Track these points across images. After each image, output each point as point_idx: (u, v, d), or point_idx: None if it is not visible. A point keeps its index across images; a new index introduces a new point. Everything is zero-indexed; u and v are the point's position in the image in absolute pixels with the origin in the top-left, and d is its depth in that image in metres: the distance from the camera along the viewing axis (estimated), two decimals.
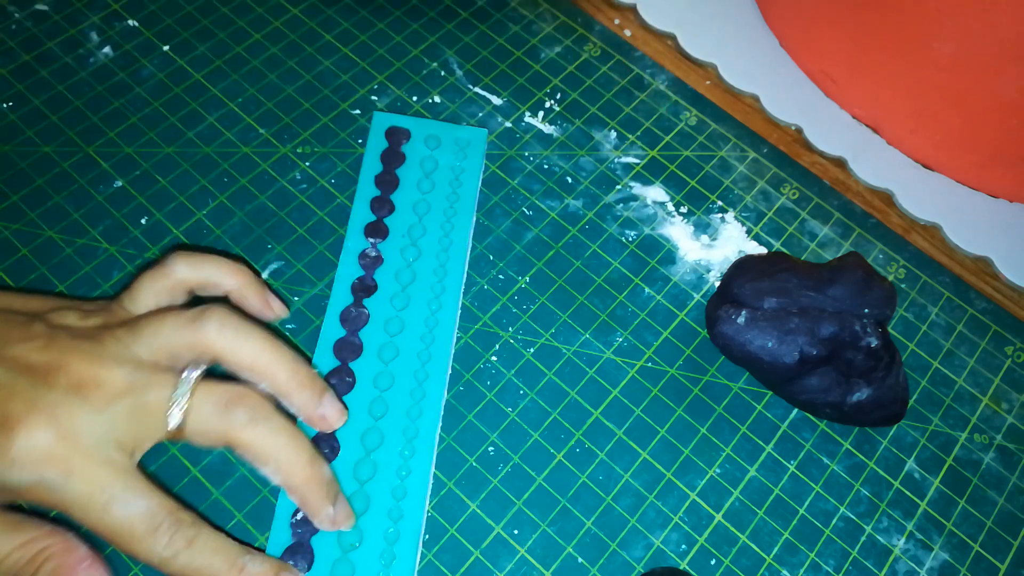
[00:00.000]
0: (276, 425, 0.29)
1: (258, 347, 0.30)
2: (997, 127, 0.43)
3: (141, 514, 0.26)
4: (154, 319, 0.29)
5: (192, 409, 0.28)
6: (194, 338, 0.29)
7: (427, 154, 0.41)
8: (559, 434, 0.38)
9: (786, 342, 0.36)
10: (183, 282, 0.32)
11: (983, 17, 0.39)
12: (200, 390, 0.28)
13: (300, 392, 0.30)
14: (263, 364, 0.30)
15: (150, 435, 0.28)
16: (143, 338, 0.29)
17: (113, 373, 0.27)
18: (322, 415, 0.31)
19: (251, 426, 0.28)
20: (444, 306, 0.38)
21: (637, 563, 0.35)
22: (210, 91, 0.45)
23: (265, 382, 0.30)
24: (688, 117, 0.47)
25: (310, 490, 0.30)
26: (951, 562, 0.37)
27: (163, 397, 0.28)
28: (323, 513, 0.30)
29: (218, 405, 0.28)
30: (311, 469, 0.29)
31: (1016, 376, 0.41)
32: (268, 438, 0.28)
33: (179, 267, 0.32)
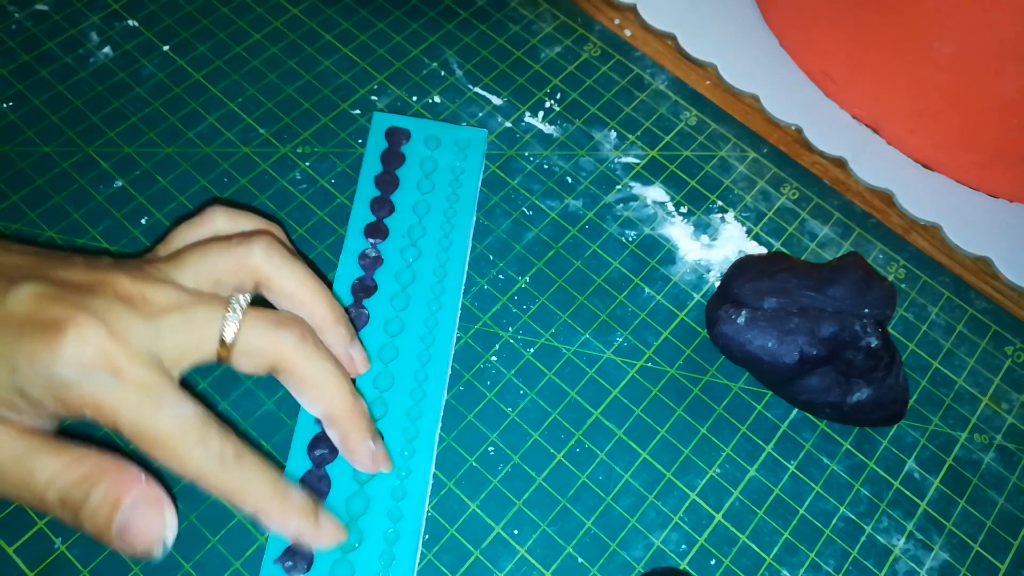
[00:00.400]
0: (324, 352, 0.29)
1: (301, 277, 0.30)
2: (997, 127, 0.43)
3: (192, 418, 0.25)
4: (198, 247, 0.29)
5: (243, 326, 0.27)
6: (240, 261, 0.29)
7: (427, 154, 0.41)
8: (559, 434, 0.38)
9: (786, 342, 0.36)
10: (220, 232, 0.31)
11: (983, 17, 0.39)
12: (250, 312, 0.28)
13: (336, 328, 0.30)
14: (305, 294, 0.30)
15: (198, 350, 0.27)
16: (187, 265, 0.28)
17: (160, 292, 0.27)
18: (351, 356, 0.31)
19: (301, 348, 0.28)
20: (444, 307, 0.38)
21: (637, 563, 0.35)
22: (210, 91, 0.45)
23: (304, 312, 0.30)
24: (688, 117, 0.47)
25: (353, 421, 0.29)
26: (951, 562, 0.37)
27: (213, 314, 0.27)
28: (364, 447, 0.30)
29: (268, 325, 0.28)
30: (355, 400, 0.29)
31: (1016, 376, 0.41)
32: (316, 362, 0.28)
33: (218, 217, 0.31)
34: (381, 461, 0.31)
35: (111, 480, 0.25)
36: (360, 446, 0.30)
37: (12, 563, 0.33)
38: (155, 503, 0.25)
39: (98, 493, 0.25)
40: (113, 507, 0.25)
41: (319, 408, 0.29)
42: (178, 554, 0.34)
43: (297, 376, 0.28)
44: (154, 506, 0.25)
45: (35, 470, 0.25)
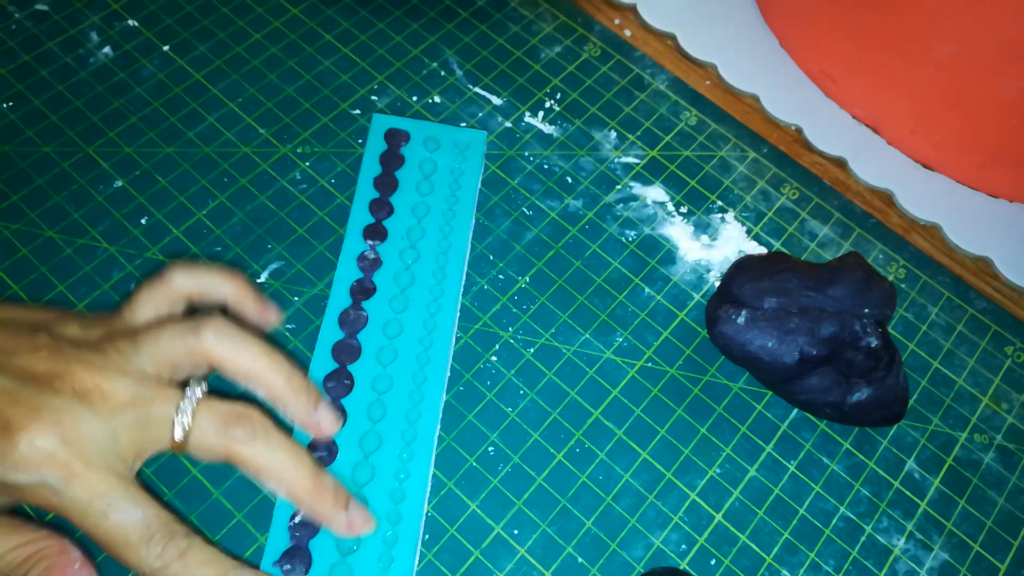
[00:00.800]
0: (275, 441, 0.29)
1: (254, 354, 0.30)
2: (997, 127, 0.43)
3: (137, 523, 0.27)
4: (153, 330, 0.30)
5: (195, 424, 0.28)
6: (192, 346, 0.30)
7: (426, 156, 0.41)
8: (559, 434, 0.38)
9: (786, 342, 0.36)
10: (180, 291, 0.32)
11: (983, 17, 0.39)
12: (202, 406, 0.29)
13: (295, 399, 0.31)
14: (259, 371, 0.30)
15: (151, 447, 0.28)
16: (144, 348, 0.29)
17: (117, 384, 0.28)
18: (317, 422, 0.32)
19: (250, 443, 0.29)
20: (443, 309, 0.38)
21: (637, 563, 0.35)
22: (210, 91, 0.45)
23: (261, 389, 0.31)
24: (688, 117, 0.47)
25: (317, 500, 0.30)
26: (951, 562, 0.37)
27: (167, 411, 0.28)
28: (336, 520, 0.31)
29: (219, 422, 0.29)
30: (313, 480, 0.30)
31: (1016, 376, 0.41)
32: (268, 454, 0.29)
33: (176, 277, 0.32)
34: (358, 526, 0.31)
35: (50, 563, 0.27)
36: (332, 520, 0.31)
37: None
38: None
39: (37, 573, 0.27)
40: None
41: (281, 493, 0.30)
42: None
43: (252, 468, 0.29)
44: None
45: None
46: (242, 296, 0.34)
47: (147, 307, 0.32)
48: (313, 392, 0.32)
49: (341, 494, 0.31)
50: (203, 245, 0.40)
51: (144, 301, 0.32)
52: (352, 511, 0.31)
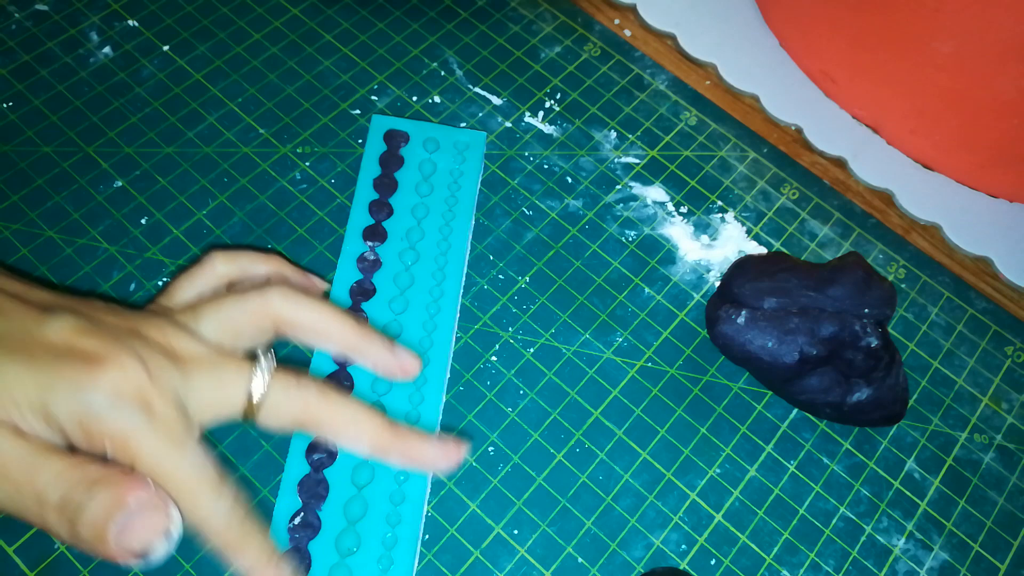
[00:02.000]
0: (346, 399, 0.29)
1: (321, 311, 0.30)
2: (997, 127, 0.43)
3: (212, 469, 0.26)
4: (214, 299, 0.30)
5: (270, 387, 0.28)
6: (261, 309, 0.30)
7: (426, 157, 0.41)
8: (559, 434, 0.38)
9: (786, 342, 0.36)
10: (223, 275, 0.33)
11: (983, 16, 0.39)
12: (276, 372, 0.28)
13: (372, 346, 0.31)
14: (331, 326, 0.30)
15: (222, 410, 0.28)
16: (205, 316, 0.29)
17: (190, 344, 0.28)
18: (399, 364, 0.32)
19: (325, 400, 0.28)
20: (442, 310, 0.38)
21: (637, 563, 0.35)
22: (210, 91, 0.45)
23: (335, 343, 0.31)
24: (688, 117, 0.47)
25: (404, 443, 0.29)
26: (951, 562, 0.37)
27: (242, 372, 0.28)
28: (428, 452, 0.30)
29: (291, 383, 0.28)
30: (391, 428, 0.29)
31: (1016, 376, 0.41)
32: (342, 408, 0.29)
33: (218, 261, 0.33)
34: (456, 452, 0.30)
35: (116, 483, 0.24)
36: (426, 456, 0.30)
37: (12, 563, 0.33)
38: (161, 503, 0.25)
39: (101, 495, 0.24)
40: (116, 507, 0.24)
41: (361, 448, 0.29)
42: (178, 554, 0.34)
43: (329, 426, 0.29)
44: (160, 508, 0.25)
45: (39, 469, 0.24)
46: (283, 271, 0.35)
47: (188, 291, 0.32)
48: (387, 338, 0.32)
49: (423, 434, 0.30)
50: (203, 245, 0.40)
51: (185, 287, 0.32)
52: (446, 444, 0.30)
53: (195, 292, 0.32)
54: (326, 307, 0.31)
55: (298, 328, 0.30)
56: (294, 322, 0.30)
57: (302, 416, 0.28)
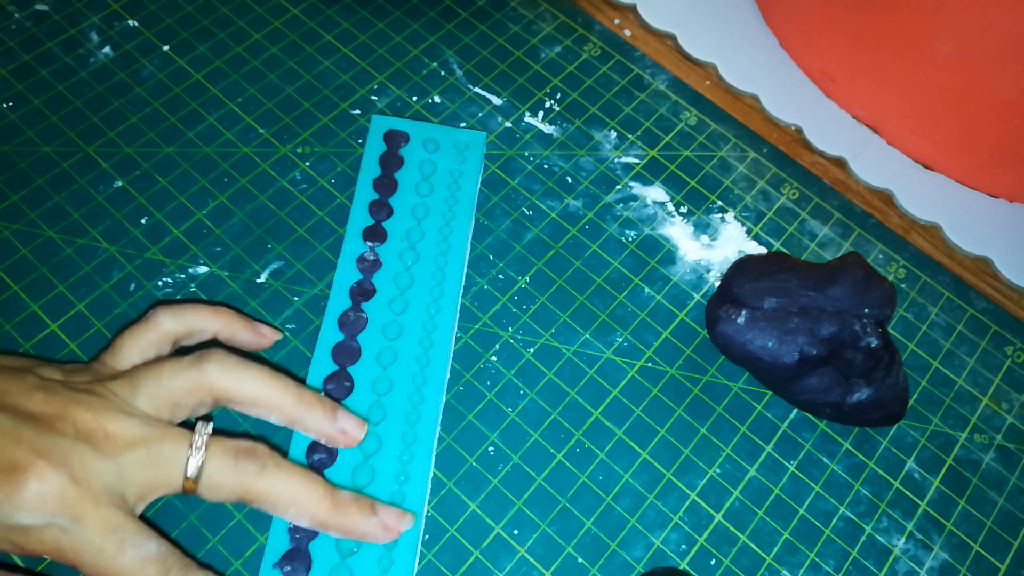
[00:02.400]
0: (287, 470, 0.29)
1: (260, 379, 0.30)
2: (997, 127, 0.43)
3: (154, 556, 0.26)
4: (151, 369, 0.29)
5: (207, 463, 0.28)
6: (196, 381, 0.29)
7: (426, 157, 0.41)
8: (559, 434, 0.38)
9: (786, 342, 0.36)
10: (168, 333, 0.32)
11: (983, 16, 0.39)
12: (212, 445, 0.28)
13: (312, 413, 0.30)
14: (268, 395, 0.30)
15: (160, 488, 0.28)
16: (143, 388, 0.29)
17: (121, 424, 0.27)
18: (341, 430, 0.31)
19: (263, 475, 0.28)
20: (442, 310, 0.38)
21: (637, 563, 0.35)
22: (210, 91, 0.45)
23: (274, 413, 0.30)
24: (688, 117, 0.47)
25: (342, 518, 0.29)
26: (951, 562, 0.37)
27: (178, 450, 0.27)
28: (370, 528, 0.30)
29: (229, 458, 0.28)
30: (332, 500, 0.29)
31: (1016, 376, 0.41)
32: (282, 484, 0.28)
33: (163, 319, 0.32)
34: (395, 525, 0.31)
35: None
36: (365, 530, 0.30)
37: (12, 563, 0.33)
38: None
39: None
40: None
41: (303, 521, 0.29)
42: None
43: (269, 502, 0.28)
44: None
45: None
46: (231, 327, 0.33)
47: (132, 352, 0.31)
48: (328, 403, 0.31)
49: (364, 503, 0.30)
50: (203, 245, 0.40)
51: (129, 346, 0.31)
52: (382, 514, 0.30)
53: (139, 352, 0.31)
54: (265, 377, 0.30)
55: (235, 401, 0.30)
56: (231, 395, 0.29)
57: (241, 492, 0.28)
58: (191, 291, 0.39)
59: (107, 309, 0.38)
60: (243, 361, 0.30)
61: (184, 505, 0.34)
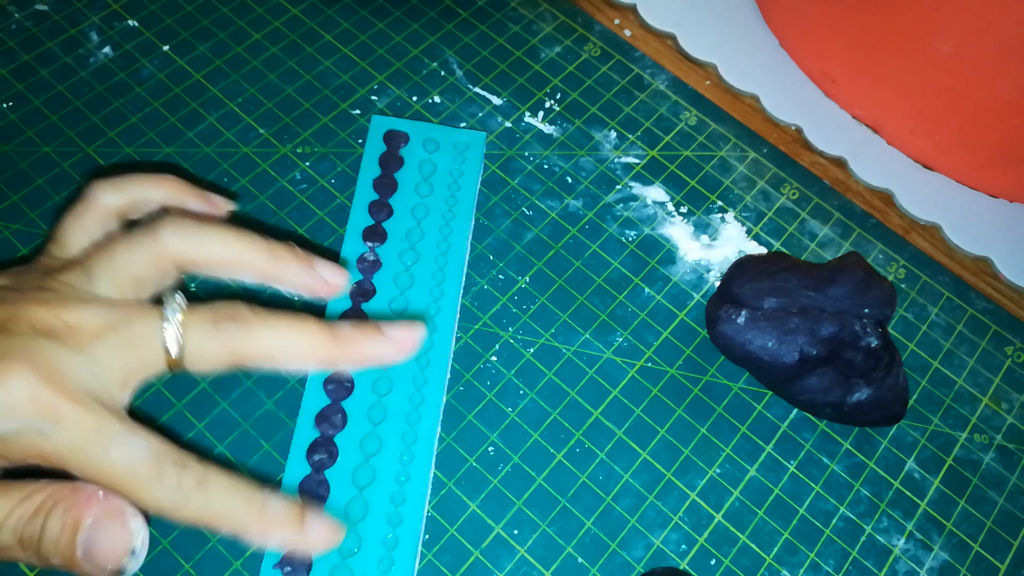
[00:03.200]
0: (272, 321, 0.26)
1: (223, 238, 0.27)
2: (997, 127, 0.43)
3: (144, 454, 0.23)
4: (103, 249, 0.26)
5: (187, 335, 0.25)
6: (154, 252, 0.26)
7: (425, 158, 0.41)
8: (559, 434, 0.38)
9: (786, 342, 0.36)
10: (110, 208, 0.29)
11: (983, 16, 0.39)
12: (188, 314, 0.25)
13: (286, 267, 0.28)
14: (236, 253, 0.27)
15: (142, 371, 0.25)
16: (98, 272, 0.26)
17: (84, 313, 0.25)
18: (322, 280, 0.28)
19: (249, 332, 0.26)
20: (442, 310, 0.38)
21: (637, 563, 0.35)
22: (210, 91, 0.45)
23: (245, 272, 0.27)
24: (688, 117, 0.47)
25: (349, 345, 0.26)
26: (951, 562, 0.37)
27: (152, 327, 0.25)
28: (382, 348, 0.27)
29: (207, 323, 0.25)
30: (330, 333, 0.26)
31: (1016, 376, 0.41)
32: (271, 335, 0.26)
33: (101, 194, 0.28)
34: (406, 341, 0.27)
35: (66, 505, 0.23)
36: (378, 353, 0.27)
37: (12, 563, 0.33)
38: (118, 515, 0.23)
39: (55, 521, 0.23)
40: (74, 530, 0.23)
41: (309, 366, 0.26)
42: (178, 554, 0.34)
43: (263, 358, 0.26)
44: (117, 519, 0.23)
45: None
46: (179, 195, 0.30)
47: (77, 235, 0.28)
48: (301, 253, 0.28)
49: (367, 327, 0.27)
50: None
51: (72, 230, 0.28)
52: (391, 332, 0.27)
53: (85, 234, 0.28)
54: (228, 234, 0.27)
55: (201, 265, 0.27)
56: (195, 259, 0.27)
57: (230, 356, 0.26)
58: (191, 291, 0.39)
59: None
60: (201, 223, 0.27)
61: None
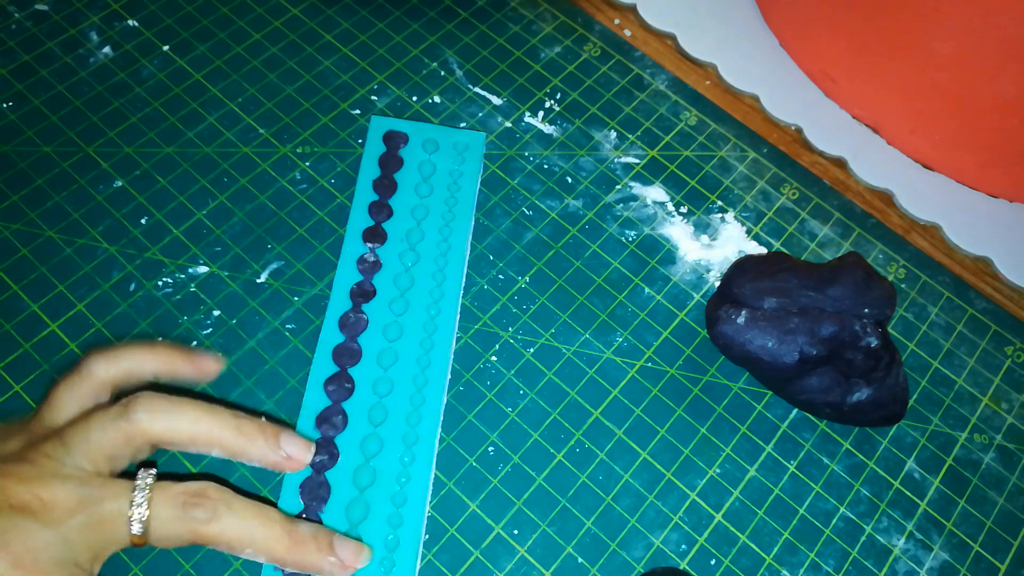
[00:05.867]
0: (239, 510, 0.28)
1: (194, 417, 0.28)
2: (997, 127, 0.43)
3: None
4: (79, 425, 0.28)
5: (152, 514, 0.27)
6: (126, 433, 0.28)
7: (425, 158, 0.41)
8: (559, 434, 0.38)
9: (786, 342, 0.36)
10: (104, 381, 0.30)
11: (983, 16, 0.39)
12: (156, 493, 0.27)
13: (253, 445, 0.29)
14: (206, 432, 0.29)
15: (109, 547, 0.27)
16: (74, 447, 0.27)
17: (57, 491, 0.26)
18: (287, 456, 0.30)
19: (215, 520, 0.27)
20: (443, 311, 0.38)
21: (637, 563, 0.35)
22: (210, 91, 0.45)
23: (214, 449, 0.29)
24: (688, 117, 0.47)
25: (299, 555, 0.29)
26: (951, 562, 0.37)
27: (120, 506, 0.26)
28: (326, 566, 0.29)
29: (177, 506, 0.27)
30: (289, 537, 0.28)
31: (1016, 376, 0.41)
32: (235, 526, 0.27)
33: (96, 366, 0.30)
34: (352, 561, 0.30)
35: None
36: (322, 567, 0.29)
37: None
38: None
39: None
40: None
41: (262, 559, 0.29)
42: (178, 554, 0.34)
43: (223, 545, 0.28)
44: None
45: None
46: (170, 364, 0.32)
47: (69, 404, 0.29)
48: (268, 429, 0.30)
49: (322, 538, 0.29)
50: (203, 245, 0.40)
51: (64, 399, 0.29)
52: (339, 549, 0.30)
53: (76, 404, 0.30)
54: (200, 413, 0.28)
55: (173, 443, 0.28)
56: (166, 439, 0.28)
57: (192, 539, 0.27)
58: (191, 291, 0.39)
59: (107, 309, 0.38)
60: (175, 400, 0.29)
61: None
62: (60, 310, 0.38)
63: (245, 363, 0.38)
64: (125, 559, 0.33)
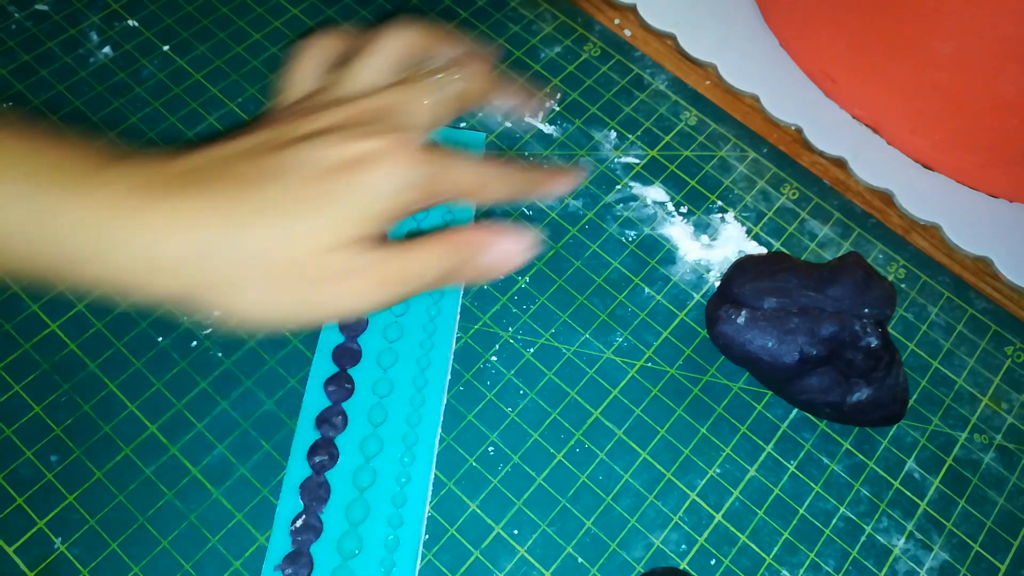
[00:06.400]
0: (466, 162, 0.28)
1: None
2: (997, 127, 0.43)
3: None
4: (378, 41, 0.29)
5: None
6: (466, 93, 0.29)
7: None
8: (559, 434, 0.38)
9: (786, 342, 0.36)
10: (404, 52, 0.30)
11: (982, 16, 0.39)
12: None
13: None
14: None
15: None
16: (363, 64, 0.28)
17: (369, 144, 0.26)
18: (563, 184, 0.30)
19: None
20: (443, 311, 0.38)
21: (637, 563, 0.35)
22: (210, 91, 0.45)
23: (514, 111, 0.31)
24: (688, 117, 0.47)
25: (533, 179, 0.29)
26: (951, 562, 0.37)
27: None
28: (557, 185, 0.30)
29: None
30: (519, 172, 0.28)
31: (1016, 376, 0.41)
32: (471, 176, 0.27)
33: (405, 36, 0.30)
34: (563, 178, 0.30)
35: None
36: (560, 184, 0.30)
37: (12, 563, 0.33)
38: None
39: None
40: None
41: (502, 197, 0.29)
42: (178, 554, 0.34)
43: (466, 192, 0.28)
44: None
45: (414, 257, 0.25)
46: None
47: (380, 72, 0.29)
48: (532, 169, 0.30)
49: (539, 169, 0.30)
50: None
51: (372, 66, 0.29)
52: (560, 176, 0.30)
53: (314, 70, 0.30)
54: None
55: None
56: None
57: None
58: None
59: (107, 309, 0.38)
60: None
61: (184, 505, 0.34)
62: (60, 310, 0.38)
63: (245, 363, 0.38)
64: (125, 559, 0.33)
